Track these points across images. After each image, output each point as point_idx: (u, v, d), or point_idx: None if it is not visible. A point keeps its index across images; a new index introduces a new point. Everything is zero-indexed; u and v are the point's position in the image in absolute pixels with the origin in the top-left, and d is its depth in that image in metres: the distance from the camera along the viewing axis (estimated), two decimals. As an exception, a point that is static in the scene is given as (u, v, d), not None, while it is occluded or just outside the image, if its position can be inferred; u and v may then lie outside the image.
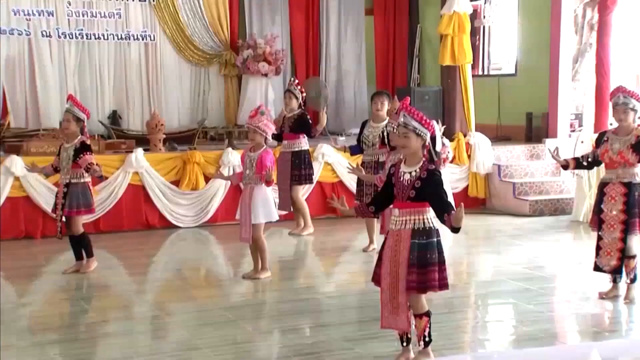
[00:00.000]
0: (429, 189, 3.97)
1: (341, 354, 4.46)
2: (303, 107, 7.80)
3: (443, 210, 3.94)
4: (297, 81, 7.98)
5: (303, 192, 8.12)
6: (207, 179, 8.40)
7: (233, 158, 8.27)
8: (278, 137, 7.69)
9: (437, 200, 3.98)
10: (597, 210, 5.46)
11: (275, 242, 7.62)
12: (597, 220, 5.44)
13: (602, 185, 5.47)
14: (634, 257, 5.40)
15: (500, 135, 10.29)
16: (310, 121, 7.77)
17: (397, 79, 12.03)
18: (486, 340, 4.83)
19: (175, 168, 8.34)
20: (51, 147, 7.60)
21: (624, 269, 5.41)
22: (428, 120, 4.00)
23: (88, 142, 6.24)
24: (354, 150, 7.22)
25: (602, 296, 5.46)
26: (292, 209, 7.90)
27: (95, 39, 10.27)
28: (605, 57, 9.29)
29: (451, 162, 9.24)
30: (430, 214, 4.05)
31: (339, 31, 11.73)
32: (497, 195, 9.37)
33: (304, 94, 7.89)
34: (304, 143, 7.76)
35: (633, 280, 5.41)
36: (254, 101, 10.29)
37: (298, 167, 7.68)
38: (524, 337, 4.73)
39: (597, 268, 5.47)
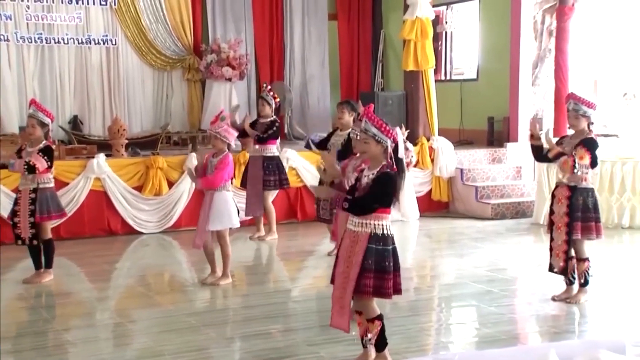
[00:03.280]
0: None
1: (305, 358, 4.46)
2: (276, 114, 7.80)
3: (352, 199, 3.98)
4: (269, 87, 7.96)
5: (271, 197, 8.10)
6: (170, 184, 8.34)
7: (197, 163, 8.21)
8: (243, 135, 7.68)
9: (368, 192, 3.97)
10: (550, 212, 5.58)
11: (239, 247, 7.59)
12: (550, 222, 5.56)
13: (554, 188, 5.61)
14: (584, 260, 5.50)
15: (462, 140, 10.41)
16: (276, 128, 7.72)
17: (361, 84, 12.11)
18: (449, 342, 4.87)
19: (138, 173, 8.25)
20: (10, 152, 7.46)
21: (575, 272, 5.52)
22: (388, 128, 4.02)
23: (52, 147, 6.15)
24: (308, 145, 7.23)
25: (555, 298, 5.55)
26: (261, 214, 7.88)
27: (55, 43, 10.14)
28: (563, 63, 9.48)
29: (415, 166, 9.31)
30: (389, 221, 4.07)
31: (303, 36, 11.76)
32: (460, 198, 9.48)
33: (277, 100, 7.88)
34: (274, 149, 7.75)
35: (584, 285, 5.51)
36: (217, 106, 10.26)
37: (273, 173, 7.67)
38: (486, 339, 4.79)
39: (551, 268, 5.59)
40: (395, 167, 3.99)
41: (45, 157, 5.98)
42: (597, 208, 5.45)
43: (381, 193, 3.96)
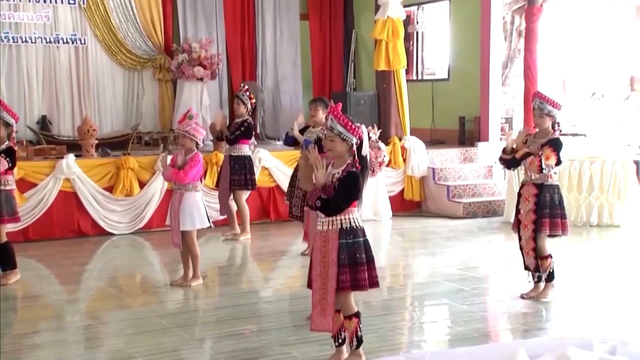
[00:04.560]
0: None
1: (278, 358, 4.45)
2: (251, 114, 7.78)
3: (321, 198, 3.95)
4: (246, 87, 7.93)
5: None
6: (141, 185, 8.26)
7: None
8: (221, 139, 7.86)
9: (335, 194, 3.97)
10: (517, 211, 5.64)
11: (212, 247, 7.56)
12: (517, 222, 5.62)
13: (521, 187, 5.67)
14: (547, 257, 5.56)
15: (434, 139, 10.48)
16: (244, 128, 7.68)
17: (333, 84, 12.12)
18: (421, 341, 4.90)
19: (109, 174, 8.17)
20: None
21: (541, 269, 5.59)
22: (353, 126, 4.04)
23: (15, 148, 6.04)
24: (288, 140, 7.23)
25: (524, 296, 5.61)
26: (226, 213, 7.86)
27: (22, 42, 9.98)
28: (532, 63, 9.60)
29: (387, 165, 9.37)
30: (356, 214, 4.10)
31: (275, 36, 11.73)
32: (432, 198, 9.54)
33: (253, 101, 7.86)
34: (245, 149, 7.73)
35: (550, 279, 5.58)
36: (189, 106, 10.15)
37: (238, 172, 7.66)
38: (457, 337, 4.83)
39: (526, 267, 5.65)
40: (358, 164, 4.02)
41: (7, 159, 5.88)
42: (562, 204, 5.53)
43: (348, 194, 4.00)
